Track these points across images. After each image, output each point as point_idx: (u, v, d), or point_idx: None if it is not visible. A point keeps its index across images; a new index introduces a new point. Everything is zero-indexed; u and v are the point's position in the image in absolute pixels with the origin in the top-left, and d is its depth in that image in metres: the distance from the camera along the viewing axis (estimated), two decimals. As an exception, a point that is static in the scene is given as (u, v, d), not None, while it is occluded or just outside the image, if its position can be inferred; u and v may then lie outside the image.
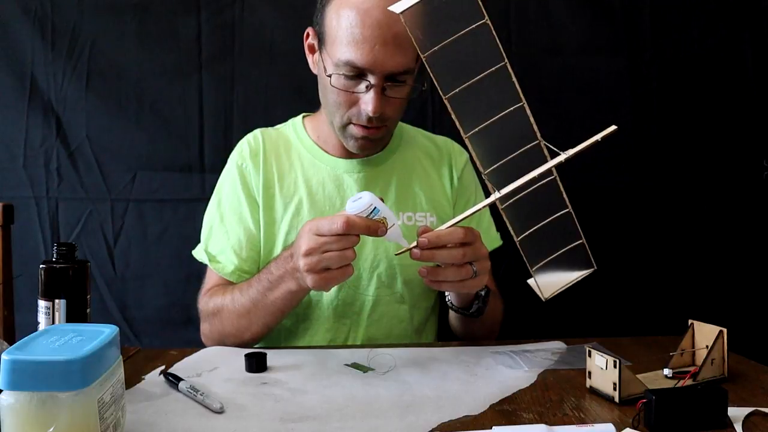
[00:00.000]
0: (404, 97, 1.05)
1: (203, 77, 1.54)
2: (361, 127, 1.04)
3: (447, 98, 0.80)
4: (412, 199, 1.16)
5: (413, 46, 0.89)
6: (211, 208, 1.18)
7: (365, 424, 0.69)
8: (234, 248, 1.12)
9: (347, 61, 0.98)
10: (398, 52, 0.97)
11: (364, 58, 0.97)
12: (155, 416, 0.72)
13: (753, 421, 0.68)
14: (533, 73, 1.53)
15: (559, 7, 1.54)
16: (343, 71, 0.99)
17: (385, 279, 1.12)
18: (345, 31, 0.97)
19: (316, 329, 1.12)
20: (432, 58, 0.79)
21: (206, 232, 1.16)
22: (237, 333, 1.04)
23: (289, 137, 1.19)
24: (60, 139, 1.53)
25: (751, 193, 1.55)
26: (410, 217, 1.14)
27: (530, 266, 0.85)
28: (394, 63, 0.98)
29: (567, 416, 0.71)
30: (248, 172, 1.14)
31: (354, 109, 1.03)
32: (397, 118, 1.09)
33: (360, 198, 0.84)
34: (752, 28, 1.54)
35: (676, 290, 1.53)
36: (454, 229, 0.86)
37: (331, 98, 1.04)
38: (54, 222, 1.53)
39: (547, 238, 0.85)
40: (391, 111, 1.04)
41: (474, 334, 1.12)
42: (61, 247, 0.87)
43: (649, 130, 1.54)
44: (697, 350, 0.85)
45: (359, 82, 1.00)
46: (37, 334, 0.62)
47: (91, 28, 1.52)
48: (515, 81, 0.79)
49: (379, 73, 0.98)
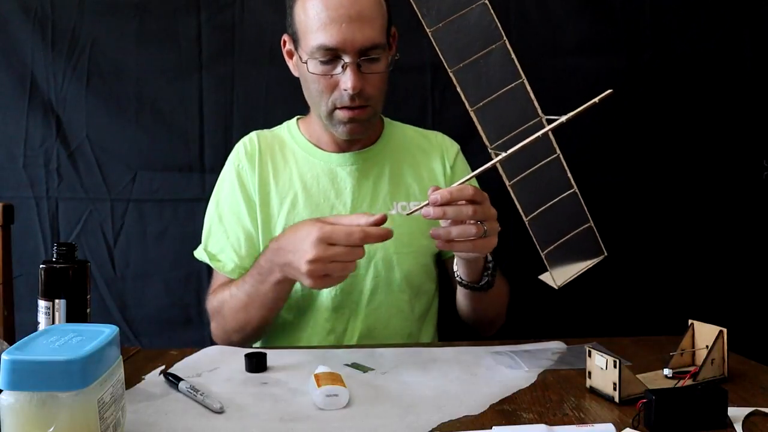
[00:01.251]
0: (381, 73, 1.08)
1: (203, 77, 1.54)
2: (346, 110, 1.07)
3: (452, 71, 0.82)
4: (405, 188, 1.18)
5: (379, 21, 1.05)
6: (210, 209, 1.20)
7: (365, 424, 0.69)
8: (233, 246, 1.14)
9: (320, 45, 1.03)
10: (365, 26, 1.03)
11: (335, 37, 1.01)
12: (155, 416, 0.72)
13: (753, 421, 0.68)
14: (533, 73, 1.52)
15: (559, 8, 1.53)
16: (318, 56, 1.04)
17: (382, 268, 1.14)
18: (313, 19, 1.03)
19: (316, 320, 1.14)
20: (437, 33, 0.82)
21: (206, 232, 1.19)
22: (239, 328, 1.07)
23: (283, 137, 1.22)
24: (60, 139, 1.53)
25: (751, 193, 1.55)
26: (404, 206, 1.17)
27: (541, 249, 0.84)
28: (363, 38, 1.02)
29: (567, 416, 0.71)
30: (245, 173, 1.17)
31: (336, 93, 1.06)
32: (380, 98, 1.11)
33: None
34: (752, 28, 1.54)
35: (676, 290, 1.53)
36: (464, 186, 0.88)
37: (313, 88, 1.08)
38: (54, 222, 1.53)
39: (556, 221, 0.85)
40: (371, 88, 1.07)
41: (483, 316, 1.14)
42: (61, 247, 0.87)
43: (649, 130, 1.54)
44: (697, 350, 0.85)
45: (335, 64, 1.04)
46: (37, 334, 0.62)
47: (91, 28, 1.52)
48: (514, 58, 0.81)
49: (351, 50, 1.02)
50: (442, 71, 0.84)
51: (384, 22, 1.08)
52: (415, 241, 1.15)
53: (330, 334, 1.14)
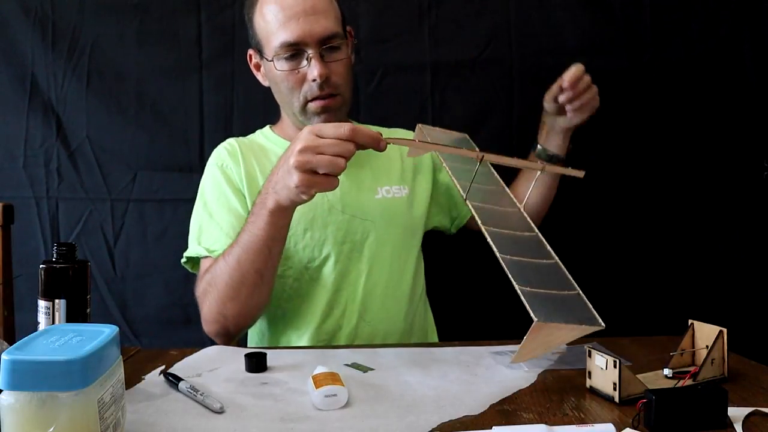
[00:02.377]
0: (343, 60, 1.14)
1: (203, 77, 1.54)
2: (317, 100, 1.13)
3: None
4: (386, 174, 1.24)
5: (332, 13, 1.13)
6: (198, 211, 1.20)
7: (365, 424, 0.69)
8: (228, 234, 1.13)
9: (282, 43, 1.10)
10: (320, 18, 1.10)
11: (295, 32, 1.09)
12: (155, 416, 0.72)
13: (753, 421, 0.68)
14: (533, 73, 1.53)
15: (559, 8, 1.53)
16: (282, 54, 1.11)
17: (375, 248, 1.19)
18: (271, 22, 1.11)
19: (315, 305, 1.16)
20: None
21: (196, 231, 1.18)
22: (234, 294, 1.02)
23: (261, 143, 1.25)
24: (60, 139, 1.53)
25: (751, 193, 1.55)
26: (388, 190, 1.23)
27: (516, 284, 0.79)
28: (320, 28, 1.10)
29: (567, 416, 0.71)
30: (230, 170, 1.20)
31: (305, 86, 1.13)
32: (347, 87, 1.17)
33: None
34: (752, 28, 1.54)
35: (676, 290, 1.53)
36: (574, 67, 1.16)
37: (283, 87, 1.14)
38: (54, 222, 1.53)
39: (539, 275, 0.83)
40: (337, 77, 1.13)
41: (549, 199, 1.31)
42: (61, 247, 0.87)
43: (649, 130, 1.54)
44: (697, 350, 0.85)
45: (300, 59, 1.12)
46: (37, 334, 0.62)
47: (91, 28, 1.52)
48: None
49: (311, 41, 1.10)
50: (442, 71, 0.84)
51: (338, 15, 1.15)
52: (400, 220, 1.22)
53: (328, 318, 1.16)
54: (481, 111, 1.53)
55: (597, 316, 0.80)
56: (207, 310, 1.08)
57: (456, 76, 1.52)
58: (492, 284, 1.13)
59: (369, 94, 1.53)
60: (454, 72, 1.52)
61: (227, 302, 1.04)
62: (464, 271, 1.51)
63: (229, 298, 1.04)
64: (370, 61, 1.52)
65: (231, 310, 1.04)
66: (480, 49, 1.53)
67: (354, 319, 1.17)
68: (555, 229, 1.14)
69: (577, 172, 0.99)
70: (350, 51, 1.18)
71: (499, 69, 1.53)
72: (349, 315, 1.17)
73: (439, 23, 1.53)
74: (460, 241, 1.42)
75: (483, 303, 1.49)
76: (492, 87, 1.53)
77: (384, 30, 1.52)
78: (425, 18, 1.53)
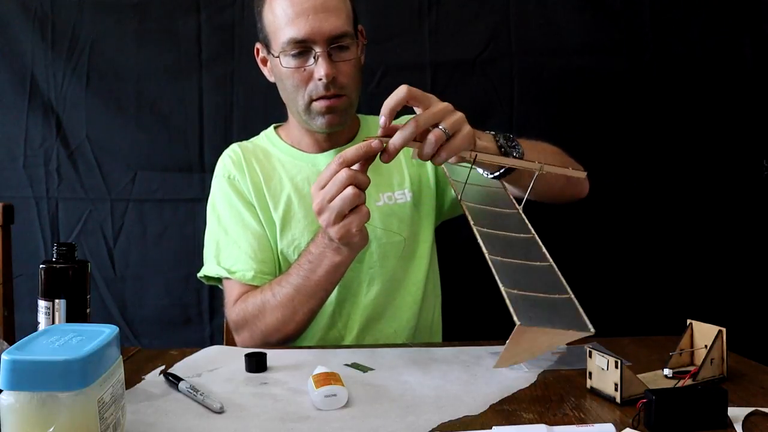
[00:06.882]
0: (351, 60, 1.10)
1: (203, 77, 1.54)
2: (322, 100, 1.10)
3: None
4: (387, 179, 1.21)
5: (344, 11, 1.09)
6: (212, 227, 1.19)
7: (365, 424, 0.69)
8: (248, 254, 1.13)
9: (290, 39, 1.06)
10: (331, 16, 1.07)
11: (303, 29, 1.05)
12: (155, 416, 0.72)
13: (753, 421, 0.68)
14: (533, 73, 1.53)
15: (560, 8, 1.54)
16: (289, 50, 1.07)
17: (378, 257, 1.17)
18: (280, 17, 1.07)
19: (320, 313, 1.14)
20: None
21: (213, 250, 1.16)
22: (281, 326, 1.04)
23: (264, 146, 1.23)
24: (60, 139, 1.53)
25: (751, 193, 1.55)
26: (390, 196, 1.20)
27: (503, 287, 0.79)
28: (330, 26, 1.06)
29: (567, 416, 0.71)
30: (237, 181, 1.18)
31: (311, 84, 1.09)
32: (354, 88, 1.13)
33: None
34: (752, 29, 1.54)
35: (675, 290, 1.53)
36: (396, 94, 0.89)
37: (289, 84, 1.11)
38: (54, 222, 1.53)
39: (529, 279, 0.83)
40: (344, 77, 1.10)
41: (554, 185, 1.12)
42: (61, 247, 0.87)
43: (649, 130, 1.54)
44: (696, 350, 0.85)
45: (307, 57, 1.08)
46: (37, 334, 0.62)
47: (91, 28, 1.52)
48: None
49: (320, 39, 1.06)
50: (442, 71, 0.84)
51: (349, 13, 1.11)
52: (405, 226, 1.19)
53: (331, 330, 1.15)
54: (481, 111, 1.53)
55: (587, 321, 0.78)
56: (249, 337, 1.08)
57: (456, 76, 1.52)
58: (492, 284, 1.12)
59: (369, 93, 1.53)
60: (454, 72, 1.52)
61: (274, 334, 1.05)
62: (464, 271, 1.51)
63: (275, 330, 1.05)
64: (370, 61, 1.52)
65: (275, 338, 1.05)
66: (480, 49, 1.53)
67: (356, 330, 1.16)
68: (554, 230, 1.13)
69: (579, 173, 0.98)
70: (360, 51, 1.15)
71: (499, 69, 1.53)
72: (351, 325, 1.16)
73: (439, 23, 1.53)
74: (460, 241, 1.42)
75: (484, 303, 1.49)
76: (492, 87, 1.53)
77: (384, 30, 1.52)
78: (425, 18, 1.53)
